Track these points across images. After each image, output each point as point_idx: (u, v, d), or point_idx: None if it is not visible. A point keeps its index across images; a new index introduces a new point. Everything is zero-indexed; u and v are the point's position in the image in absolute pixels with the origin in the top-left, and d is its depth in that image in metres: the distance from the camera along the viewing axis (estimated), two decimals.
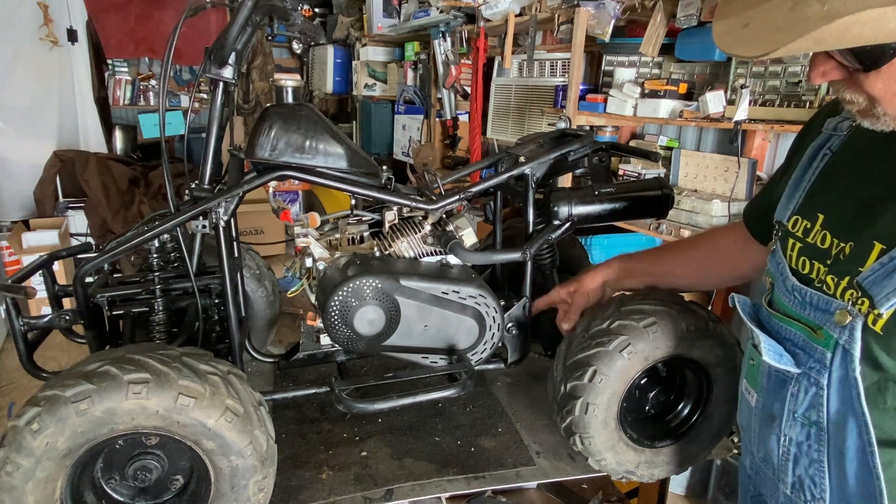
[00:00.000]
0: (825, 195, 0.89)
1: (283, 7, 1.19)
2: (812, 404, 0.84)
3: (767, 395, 0.93)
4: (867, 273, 0.75)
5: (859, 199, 0.82)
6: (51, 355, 1.65)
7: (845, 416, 0.80)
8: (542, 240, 1.35)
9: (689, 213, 2.38)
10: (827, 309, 0.81)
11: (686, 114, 2.38)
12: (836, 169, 0.90)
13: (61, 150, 4.36)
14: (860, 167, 0.85)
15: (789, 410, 0.88)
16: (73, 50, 4.60)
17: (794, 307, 0.86)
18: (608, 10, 2.55)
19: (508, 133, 3.60)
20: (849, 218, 0.83)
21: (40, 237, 3.61)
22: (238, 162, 1.26)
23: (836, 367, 0.80)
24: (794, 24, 0.63)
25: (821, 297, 0.82)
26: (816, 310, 0.83)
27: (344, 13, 5.26)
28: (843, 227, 0.83)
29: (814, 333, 0.82)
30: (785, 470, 0.90)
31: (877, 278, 0.74)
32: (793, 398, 0.87)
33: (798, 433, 0.87)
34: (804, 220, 0.89)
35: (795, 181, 0.95)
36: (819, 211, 0.87)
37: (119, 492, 1.02)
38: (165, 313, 1.27)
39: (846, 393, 0.79)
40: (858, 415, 0.78)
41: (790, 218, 0.92)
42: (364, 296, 1.19)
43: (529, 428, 1.42)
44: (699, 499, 2.57)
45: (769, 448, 0.93)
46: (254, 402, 1.02)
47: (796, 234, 0.90)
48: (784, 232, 0.93)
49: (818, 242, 0.86)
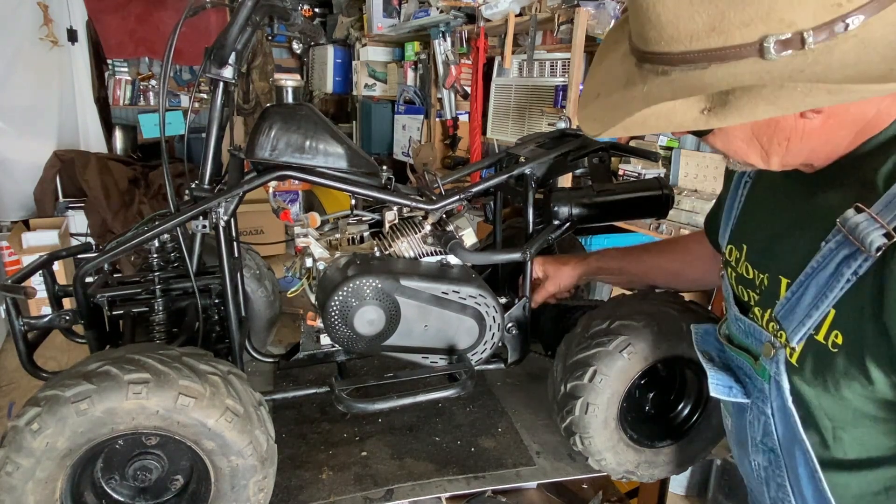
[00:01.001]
0: (748, 226, 0.93)
1: (283, 7, 1.19)
2: (766, 432, 0.86)
3: (734, 422, 0.95)
4: (779, 307, 0.78)
5: (769, 231, 0.86)
6: (51, 355, 1.65)
7: (791, 444, 0.82)
8: (542, 240, 1.35)
9: (689, 213, 2.38)
10: (759, 339, 0.83)
11: None
12: (754, 199, 0.94)
13: (61, 150, 4.36)
14: (770, 200, 0.89)
15: (751, 437, 0.90)
16: (73, 50, 4.60)
17: (740, 335, 0.89)
18: (608, 10, 2.56)
19: (508, 133, 3.60)
20: (761, 251, 0.86)
21: (40, 237, 3.61)
22: (238, 162, 1.26)
23: (773, 398, 0.82)
24: (624, 105, 0.68)
25: (754, 327, 0.85)
26: (753, 339, 0.85)
27: (344, 13, 5.26)
28: (759, 259, 0.86)
29: (755, 363, 0.85)
30: (762, 493, 0.93)
31: (785, 312, 0.77)
32: (751, 426, 0.89)
33: (762, 459, 0.89)
34: (735, 249, 0.93)
35: (728, 209, 0.99)
36: (743, 241, 0.91)
37: (119, 492, 1.02)
38: (165, 313, 1.27)
39: (786, 421, 0.81)
40: (800, 441, 0.80)
41: (727, 246, 0.96)
42: (364, 296, 1.19)
43: (529, 428, 1.42)
44: (699, 499, 2.57)
45: (746, 472, 0.96)
46: (254, 402, 1.02)
47: (731, 263, 0.94)
48: (724, 260, 0.97)
49: (744, 273, 0.89)
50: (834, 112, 0.69)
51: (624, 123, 0.66)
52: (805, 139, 0.71)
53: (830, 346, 0.72)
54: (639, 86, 0.68)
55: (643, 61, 0.68)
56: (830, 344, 0.72)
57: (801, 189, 0.82)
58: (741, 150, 0.76)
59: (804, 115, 0.68)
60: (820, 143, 0.73)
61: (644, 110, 0.64)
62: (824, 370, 0.74)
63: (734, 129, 0.73)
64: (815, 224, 0.75)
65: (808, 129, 0.70)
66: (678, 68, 0.64)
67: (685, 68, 0.64)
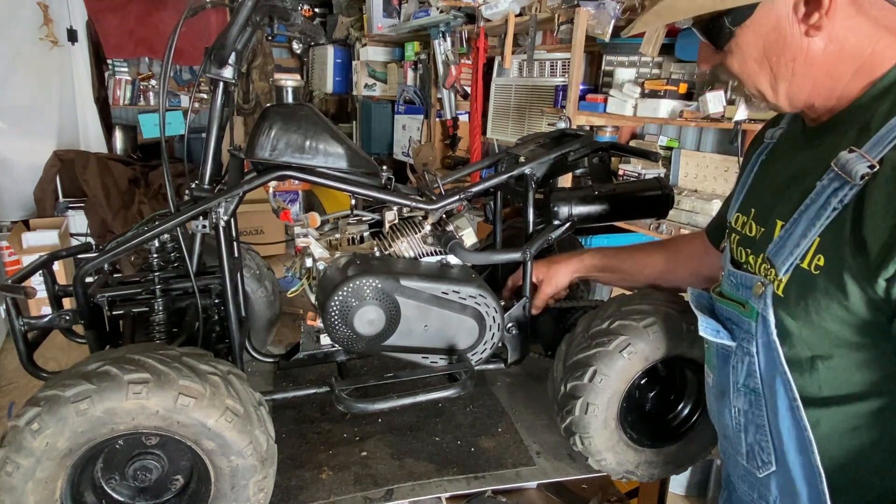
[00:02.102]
0: (757, 193, 0.99)
1: (283, 7, 1.19)
2: (749, 372, 0.91)
3: (718, 372, 0.99)
4: (772, 246, 0.85)
5: (773, 188, 0.92)
6: (51, 355, 1.65)
7: (773, 378, 0.86)
8: (542, 240, 1.36)
9: (689, 213, 2.38)
10: (750, 285, 0.89)
11: (686, 114, 2.38)
12: (764, 169, 1.01)
13: (61, 150, 4.36)
14: (779, 163, 0.97)
15: (734, 382, 0.94)
16: (73, 50, 4.60)
17: (731, 290, 0.95)
18: (608, 10, 2.56)
19: (508, 133, 3.60)
20: (765, 205, 0.92)
21: (40, 237, 3.61)
22: (238, 162, 1.26)
23: (759, 335, 0.87)
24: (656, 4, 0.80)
25: (746, 275, 0.90)
26: (744, 287, 0.91)
27: (344, 13, 5.26)
28: (762, 213, 0.92)
29: (743, 308, 0.90)
30: (739, 440, 0.96)
31: (776, 248, 0.83)
32: (734, 370, 0.94)
33: (742, 402, 0.93)
34: (742, 215, 0.98)
35: (740, 186, 1.06)
36: (752, 206, 0.97)
37: (119, 492, 1.02)
38: (165, 313, 1.27)
39: (769, 356, 0.86)
40: (781, 373, 0.85)
41: (734, 215, 1.02)
42: (364, 296, 1.19)
43: (529, 428, 1.42)
44: (699, 499, 2.57)
45: (724, 423, 0.99)
46: (254, 402, 1.02)
47: (736, 228, 0.99)
48: (730, 229, 1.03)
49: (747, 231, 0.95)
50: (833, 36, 0.78)
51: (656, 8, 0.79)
52: (808, 64, 0.80)
53: (813, 269, 0.78)
54: None
55: None
56: (813, 268, 0.78)
57: (804, 144, 0.90)
58: (753, 72, 0.84)
59: (808, 33, 0.78)
60: (822, 74, 0.81)
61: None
62: (806, 294, 0.80)
63: (749, 47, 0.82)
64: (814, 172, 0.81)
65: (812, 53, 0.79)
66: None
67: None
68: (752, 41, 0.82)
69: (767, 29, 0.80)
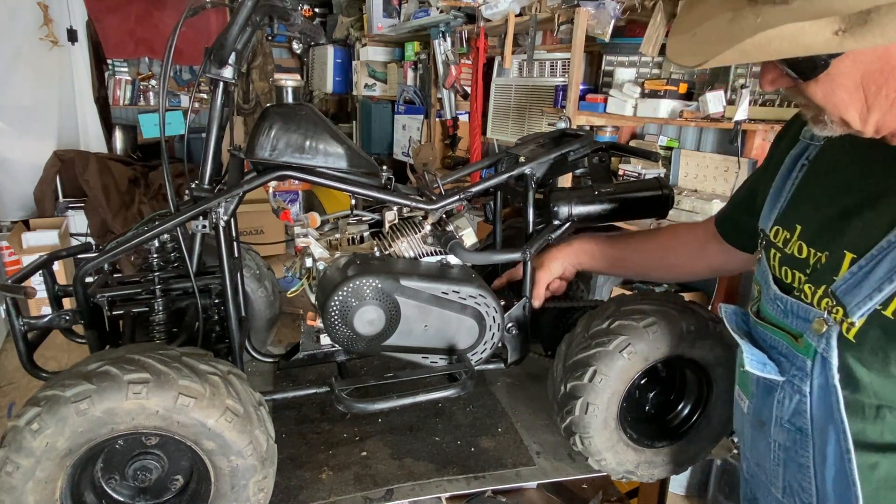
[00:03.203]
0: (802, 206, 0.90)
1: (283, 7, 1.19)
2: (797, 411, 0.85)
3: (757, 401, 0.94)
4: (840, 282, 0.76)
5: (834, 210, 0.83)
6: (51, 355, 1.65)
7: (826, 423, 0.81)
8: (542, 240, 1.35)
9: (689, 213, 2.38)
10: (806, 317, 0.82)
11: (686, 114, 2.38)
12: (812, 179, 0.91)
13: (61, 150, 4.36)
14: (836, 177, 0.86)
15: (777, 416, 0.89)
16: (73, 50, 4.60)
17: (777, 315, 0.88)
18: (608, 10, 2.56)
19: (508, 133, 3.60)
20: (824, 228, 0.84)
21: (40, 237, 3.61)
22: (238, 162, 1.26)
23: (816, 375, 0.81)
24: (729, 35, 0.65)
25: (800, 305, 0.83)
26: (797, 318, 0.84)
27: (344, 13, 5.26)
28: (819, 237, 0.84)
29: (795, 341, 0.83)
30: (776, 474, 0.91)
31: (848, 287, 0.75)
32: (779, 405, 0.88)
33: (785, 439, 0.88)
34: (784, 230, 0.91)
35: (776, 190, 0.96)
36: (797, 222, 0.89)
37: (119, 492, 1.02)
38: (165, 313, 1.27)
39: (826, 401, 0.80)
40: (837, 422, 0.79)
41: (771, 228, 0.94)
42: (364, 296, 1.19)
43: (529, 428, 1.42)
44: (699, 499, 2.57)
45: (760, 453, 0.95)
46: (254, 402, 1.02)
47: (777, 244, 0.92)
48: (767, 241, 0.95)
49: (795, 252, 0.87)
50: None
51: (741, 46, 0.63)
52: None
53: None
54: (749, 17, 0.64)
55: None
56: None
57: (877, 168, 0.80)
58: (842, 104, 0.72)
59: None
60: None
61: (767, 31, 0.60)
62: (888, 345, 0.73)
63: (843, 76, 0.70)
64: (892, 200, 0.74)
65: None
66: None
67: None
68: (848, 71, 0.69)
69: (872, 58, 0.68)
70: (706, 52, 0.67)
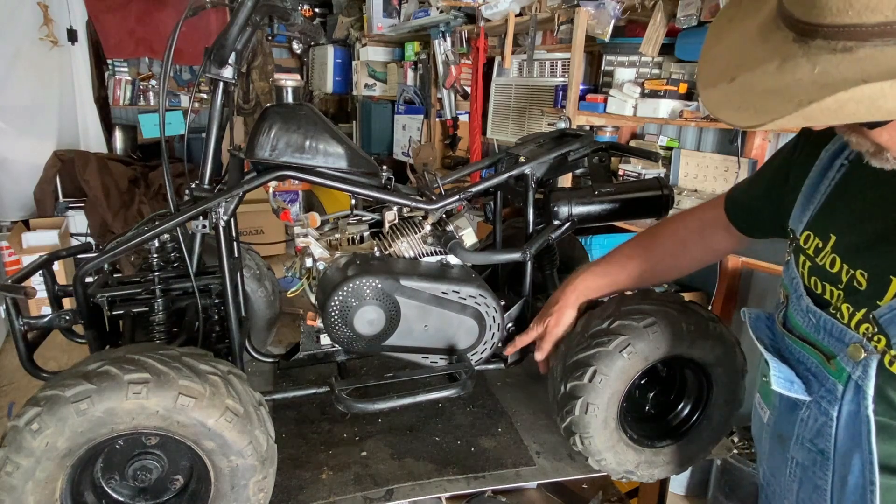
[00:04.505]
0: (839, 214, 0.82)
1: (283, 7, 1.19)
2: (820, 433, 0.81)
3: (780, 415, 0.90)
4: (885, 310, 0.71)
5: (877, 227, 0.76)
6: (51, 355, 1.65)
7: (852, 450, 0.77)
8: (542, 240, 1.35)
9: None
10: (841, 339, 0.77)
11: (686, 114, 2.38)
12: (852, 186, 0.83)
13: (61, 150, 4.36)
14: (880, 190, 0.77)
15: (798, 434, 0.85)
16: (73, 50, 4.60)
17: (809, 329, 0.83)
18: (608, 10, 2.56)
19: (508, 133, 3.60)
20: (863, 245, 0.77)
21: (40, 237, 3.61)
22: (238, 162, 1.26)
23: (847, 402, 0.77)
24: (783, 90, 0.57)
25: (835, 324, 0.78)
26: (830, 336, 0.79)
27: (344, 13, 5.26)
28: (858, 253, 0.77)
29: (827, 362, 0.79)
30: (791, 490, 0.89)
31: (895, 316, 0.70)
32: (802, 423, 0.85)
33: (805, 457, 0.85)
34: (816, 237, 0.84)
35: (810, 189, 0.87)
36: (832, 231, 0.82)
37: (119, 492, 1.02)
38: (165, 313, 1.27)
39: (856, 429, 0.76)
40: (865, 452, 0.75)
41: (803, 232, 0.87)
42: (364, 296, 1.19)
43: (529, 428, 1.42)
44: (699, 499, 2.57)
45: (776, 465, 0.92)
46: (254, 402, 1.02)
47: (807, 252, 0.85)
48: (797, 246, 0.88)
49: (827, 265, 0.81)
50: None
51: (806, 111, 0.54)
52: None
53: None
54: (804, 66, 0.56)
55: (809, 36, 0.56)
56: None
57: None
58: None
59: None
60: None
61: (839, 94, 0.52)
62: None
63: None
64: None
65: None
66: (869, 43, 0.53)
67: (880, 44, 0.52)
68: None
69: None
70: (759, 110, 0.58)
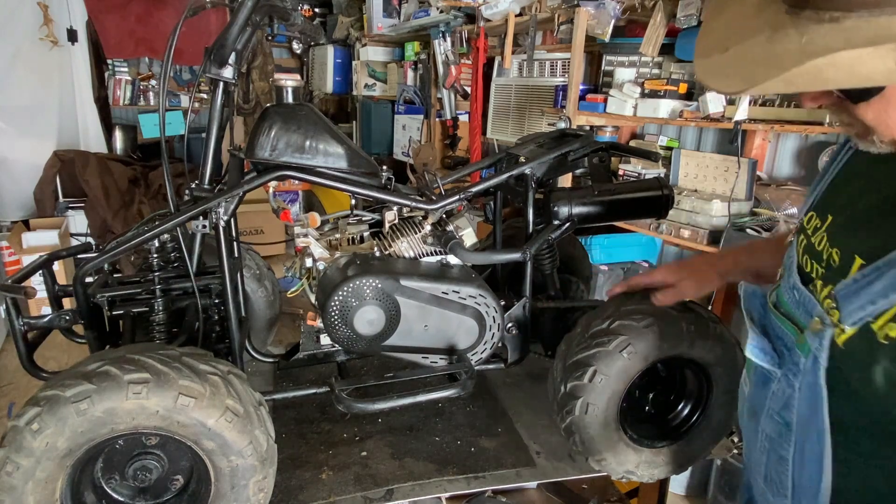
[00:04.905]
0: (839, 196, 0.85)
1: (283, 7, 1.19)
2: (786, 405, 0.85)
3: (754, 388, 0.94)
4: (842, 286, 0.73)
5: (857, 208, 0.79)
6: (51, 355, 1.65)
7: (809, 423, 0.81)
8: (542, 240, 1.35)
9: (689, 213, 2.38)
10: (810, 312, 0.80)
11: (686, 114, 2.38)
12: (852, 170, 0.85)
13: (61, 150, 4.36)
14: (869, 175, 0.81)
15: (768, 407, 0.89)
16: (73, 50, 4.60)
17: (791, 304, 0.85)
18: (608, 10, 2.56)
19: (508, 133, 3.60)
20: (846, 225, 0.80)
21: (40, 237, 3.61)
22: (238, 162, 1.26)
23: (806, 373, 0.80)
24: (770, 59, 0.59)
25: (809, 299, 0.80)
26: (804, 311, 0.82)
27: (344, 13, 5.26)
28: (836, 233, 0.80)
29: (798, 336, 0.82)
30: (760, 462, 0.92)
31: (848, 293, 0.72)
32: (773, 396, 0.88)
33: (772, 430, 0.89)
34: (817, 217, 0.86)
35: (822, 172, 0.90)
36: (829, 211, 0.84)
37: (119, 492, 1.02)
38: (165, 313, 1.27)
39: (812, 401, 0.79)
40: (819, 422, 0.78)
41: (808, 213, 0.89)
42: (364, 296, 1.19)
43: (529, 428, 1.42)
44: (699, 499, 2.57)
45: (750, 439, 0.96)
46: (254, 402, 1.02)
47: (806, 231, 0.87)
48: (801, 226, 0.90)
49: (816, 244, 0.84)
50: None
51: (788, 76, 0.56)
52: None
53: (882, 337, 0.69)
54: (792, 35, 0.58)
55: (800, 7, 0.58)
56: (883, 336, 0.69)
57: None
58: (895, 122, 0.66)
59: None
60: None
61: (817, 60, 0.55)
62: (868, 359, 0.71)
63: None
64: None
65: None
66: (855, 14, 0.55)
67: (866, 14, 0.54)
68: None
69: None
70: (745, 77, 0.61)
